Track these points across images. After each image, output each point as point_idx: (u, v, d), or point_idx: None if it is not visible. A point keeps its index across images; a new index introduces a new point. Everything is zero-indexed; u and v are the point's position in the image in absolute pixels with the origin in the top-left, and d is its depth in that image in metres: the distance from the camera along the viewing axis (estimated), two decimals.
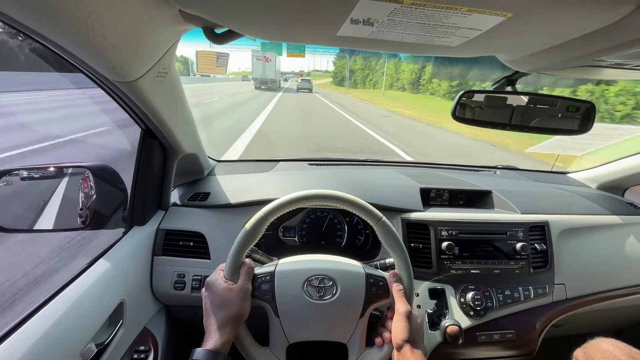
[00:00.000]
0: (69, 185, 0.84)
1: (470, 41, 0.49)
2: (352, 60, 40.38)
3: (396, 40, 0.49)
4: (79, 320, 0.63)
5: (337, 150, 6.27)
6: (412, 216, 0.98)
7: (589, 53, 0.51)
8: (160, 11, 0.45)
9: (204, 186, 1.10)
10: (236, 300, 0.61)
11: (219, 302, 0.61)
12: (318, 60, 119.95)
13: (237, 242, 0.65)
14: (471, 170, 1.45)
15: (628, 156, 1.26)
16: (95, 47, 0.44)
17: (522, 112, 0.82)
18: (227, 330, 0.59)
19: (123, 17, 0.42)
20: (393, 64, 28.78)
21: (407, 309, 0.63)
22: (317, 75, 77.60)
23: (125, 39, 0.45)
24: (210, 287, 0.63)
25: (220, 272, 0.65)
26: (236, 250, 0.65)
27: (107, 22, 0.41)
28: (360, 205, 0.67)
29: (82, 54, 0.46)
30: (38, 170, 0.82)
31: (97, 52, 0.45)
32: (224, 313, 0.60)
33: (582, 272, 1.01)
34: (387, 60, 28.84)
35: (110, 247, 0.80)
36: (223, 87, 26.97)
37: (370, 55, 33.76)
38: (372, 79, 36.15)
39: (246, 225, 0.65)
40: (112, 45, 0.44)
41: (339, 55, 45.30)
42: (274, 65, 23.79)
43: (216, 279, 0.63)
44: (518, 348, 0.92)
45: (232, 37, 0.50)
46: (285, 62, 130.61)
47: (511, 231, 0.98)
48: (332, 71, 51.66)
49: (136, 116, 0.74)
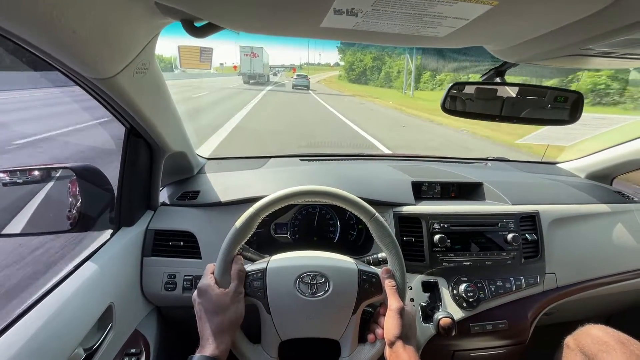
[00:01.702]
0: (52, 186, 0.82)
1: (458, 31, 0.48)
2: (360, 50, 34.42)
3: (383, 31, 0.48)
4: (66, 325, 0.61)
5: (329, 145, 6.17)
6: (404, 210, 0.98)
7: (576, 42, 0.51)
8: (135, 4, 0.43)
9: (194, 185, 1.08)
10: (231, 305, 0.60)
11: (214, 308, 0.59)
12: (312, 53, 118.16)
13: (228, 239, 0.64)
14: (462, 162, 1.46)
15: (615, 145, 1.28)
16: (65, 43, 0.42)
17: (512, 104, 0.82)
18: (226, 336, 0.58)
19: (93, 10, 0.40)
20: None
21: (400, 305, 0.63)
22: (310, 69, 73.89)
23: (97, 33, 0.43)
24: (203, 294, 0.62)
25: (211, 276, 0.64)
26: (227, 247, 0.64)
27: (74, 15, 0.39)
28: (353, 201, 0.67)
29: (53, 50, 0.44)
30: (20, 173, 0.79)
31: (68, 48, 0.43)
32: (219, 319, 0.59)
33: (572, 261, 1.03)
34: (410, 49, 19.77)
35: (97, 249, 0.79)
36: (211, 82, 25.73)
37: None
38: (392, 73, 28.82)
39: (237, 222, 0.64)
40: (83, 40, 0.42)
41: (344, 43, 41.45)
42: (261, 60, 24.18)
43: (209, 285, 0.62)
44: (511, 337, 0.93)
45: (212, 30, 0.48)
46: (274, 55, 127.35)
47: (502, 222, 0.98)
48: (342, 65, 43.90)
49: (119, 115, 0.72)
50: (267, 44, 53.31)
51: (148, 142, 0.84)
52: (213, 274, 0.64)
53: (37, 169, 0.79)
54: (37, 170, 0.79)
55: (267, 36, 0.52)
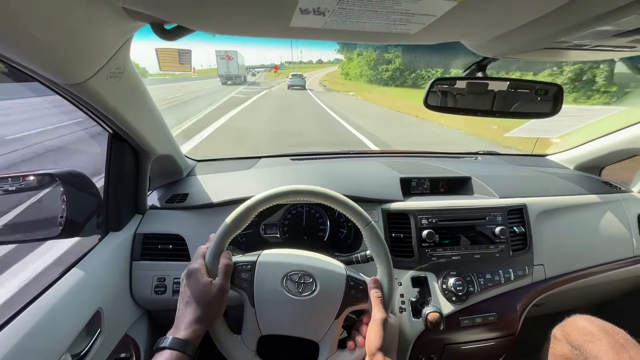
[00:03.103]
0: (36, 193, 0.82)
1: (428, 28, 0.48)
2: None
3: (353, 29, 0.48)
4: (52, 332, 0.61)
5: (319, 144, 6.12)
6: (392, 206, 0.98)
7: (547, 35, 0.51)
8: (100, 8, 0.42)
9: (183, 187, 1.08)
10: (215, 300, 0.60)
11: (197, 298, 0.60)
12: (295, 52, 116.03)
13: (223, 227, 0.64)
14: (453, 157, 1.46)
15: (603, 136, 1.29)
16: (27, 49, 0.42)
17: (500, 98, 0.82)
18: (202, 326, 0.59)
19: (53, 15, 0.39)
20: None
21: (384, 316, 0.63)
22: (296, 68, 67.79)
23: (62, 38, 0.42)
24: (190, 276, 0.62)
25: (202, 261, 0.64)
26: (221, 235, 0.64)
27: (32, 21, 0.39)
28: (351, 206, 0.67)
29: (18, 57, 0.44)
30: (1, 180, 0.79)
31: (31, 54, 0.43)
32: (200, 311, 0.59)
33: (561, 252, 1.03)
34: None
35: (85, 254, 0.79)
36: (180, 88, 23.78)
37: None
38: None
39: (234, 212, 0.65)
40: (46, 46, 0.42)
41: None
42: (235, 62, 26.60)
43: (198, 269, 0.62)
44: (500, 329, 0.94)
45: (183, 33, 0.48)
46: (254, 56, 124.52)
47: (490, 216, 0.99)
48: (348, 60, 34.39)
49: (100, 120, 0.71)
50: (246, 45, 50.78)
51: (132, 146, 0.84)
52: (204, 258, 0.64)
53: (20, 176, 0.78)
54: (20, 177, 0.78)
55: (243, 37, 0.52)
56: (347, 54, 35.54)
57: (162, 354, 0.54)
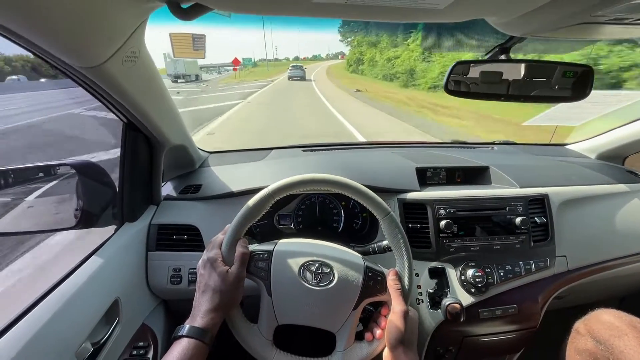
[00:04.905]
0: (53, 184, 0.82)
1: (458, 1, 0.45)
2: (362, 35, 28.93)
3: (378, 4, 0.46)
4: (72, 320, 0.62)
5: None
6: (408, 196, 0.96)
7: (585, 8, 0.48)
8: None
9: (196, 178, 1.08)
10: (231, 288, 0.60)
11: (214, 286, 0.59)
12: (269, 49, 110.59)
13: (240, 215, 0.64)
14: (468, 147, 1.42)
15: (627, 124, 1.23)
16: (43, 30, 0.40)
17: (518, 86, 0.79)
18: (218, 315, 0.58)
19: None
20: None
21: (404, 308, 0.61)
22: (271, 65, 52.84)
23: (81, 19, 0.41)
24: (206, 265, 0.62)
25: (217, 250, 0.63)
26: (237, 223, 0.63)
27: (48, 1, 0.37)
28: (369, 196, 0.66)
29: (36, 38, 0.42)
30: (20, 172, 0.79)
31: (48, 35, 0.42)
32: (217, 299, 0.59)
33: (584, 243, 1.00)
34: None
35: (102, 244, 0.79)
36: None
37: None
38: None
39: (251, 200, 0.64)
40: (63, 27, 0.41)
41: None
42: (182, 61, 27.55)
43: (215, 259, 0.61)
44: (521, 322, 0.92)
45: (200, 12, 0.46)
46: (213, 54, 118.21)
47: (510, 206, 0.96)
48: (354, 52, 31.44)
49: (115, 109, 0.70)
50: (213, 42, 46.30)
51: (147, 136, 0.83)
52: (220, 248, 0.64)
53: (36, 168, 0.79)
54: (36, 168, 0.79)
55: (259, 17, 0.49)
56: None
57: (180, 342, 0.54)
